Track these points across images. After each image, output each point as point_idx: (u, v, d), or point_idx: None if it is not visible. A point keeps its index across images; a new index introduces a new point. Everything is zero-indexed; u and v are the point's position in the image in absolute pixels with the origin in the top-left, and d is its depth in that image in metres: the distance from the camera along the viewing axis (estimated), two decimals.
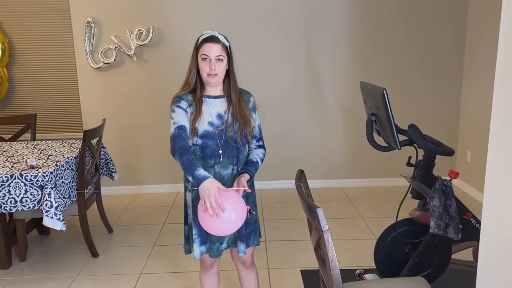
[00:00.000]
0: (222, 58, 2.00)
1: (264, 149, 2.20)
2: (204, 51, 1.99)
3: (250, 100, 2.14)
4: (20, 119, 3.99)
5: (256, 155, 2.15)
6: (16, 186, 2.86)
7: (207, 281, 2.33)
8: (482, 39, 4.25)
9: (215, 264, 2.30)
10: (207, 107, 2.07)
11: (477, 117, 4.36)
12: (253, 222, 2.17)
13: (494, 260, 1.66)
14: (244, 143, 2.12)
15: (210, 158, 2.08)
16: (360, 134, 4.65)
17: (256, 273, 2.35)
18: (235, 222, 1.84)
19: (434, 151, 2.44)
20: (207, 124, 2.06)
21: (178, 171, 4.78)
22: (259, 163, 2.13)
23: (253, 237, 2.18)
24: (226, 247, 2.17)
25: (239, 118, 2.06)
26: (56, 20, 4.50)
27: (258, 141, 2.18)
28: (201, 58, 2.00)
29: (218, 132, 2.05)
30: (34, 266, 3.26)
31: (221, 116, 2.07)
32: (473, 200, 4.31)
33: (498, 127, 1.61)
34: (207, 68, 1.99)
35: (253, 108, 2.15)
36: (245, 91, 2.16)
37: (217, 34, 2.02)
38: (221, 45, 2.00)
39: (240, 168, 2.11)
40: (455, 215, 2.36)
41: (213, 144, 2.06)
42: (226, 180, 2.09)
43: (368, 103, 2.58)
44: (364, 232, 3.69)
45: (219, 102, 2.08)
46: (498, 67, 1.60)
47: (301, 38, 4.55)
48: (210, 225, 1.83)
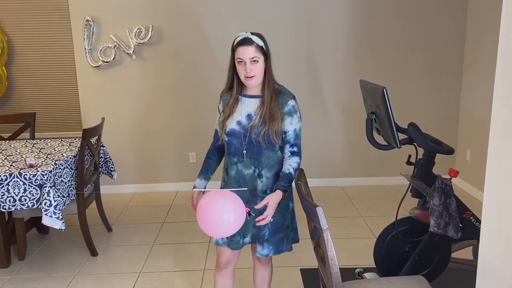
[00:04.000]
0: (257, 59, 1.97)
1: (299, 157, 2.08)
2: (239, 54, 1.97)
3: (287, 103, 2.04)
4: (19, 117, 3.99)
5: (289, 165, 2.04)
6: (15, 185, 2.85)
7: (220, 281, 2.30)
8: (482, 37, 4.24)
9: (230, 264, 2.25)
10: (241, 106, 2.07)
11: (477, 116, 4.35)
12: (285, 228, 2.13)
13: (494, 259, 1.66)
14: (268, 145, 2.04)
15: (234, 156, 2.09)
16: (359, 133, 4.64)
17: (270, 271, 2.34)
18: (234, 223, 1.83)
19: (434, 149, 2.44)
20: (235, 123, 2.06)
21: (178, 170, 4.79)
22: (292, 174, 2.02)
23: (286, 243, 2.17)
24: (250, 242, 2.14)
25: (266, 118, 2.01)
26: (55, 19, 4.49)
27: (292, 147, 2.06)
28: (237, 62, 2.00)
29: (244, 131, 2.04)
30: (33, 265, 3.26)
31: (250, 116, 2.05)
32: (473, 198, 4.31)
33: (498, 125, 1.60)
34: (243, 71, 1.98)
35: (290, 112, 2.04)
36: (287, 93, 2.07)
37: (250, 36, 1.98)
38: (255, 46, 1.97)
39: (260, 171, 2.07)
40: (455, 213, 2.36)
41: (237, 143, 2.06)
42: (248, 180, 2.08)
43: (368, 102, 2.57)
44: (364, 231, 3.69)
45: (253, 102, 2.06)
46: (498, 66, 1.60)
47: (301, 37, 4.55)
48: (209, 227, 1.84)
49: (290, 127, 2.04)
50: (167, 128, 4.70)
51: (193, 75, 4.58)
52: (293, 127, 2.05)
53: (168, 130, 4.70)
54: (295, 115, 2.05)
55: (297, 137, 2.08)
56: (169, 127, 4.69)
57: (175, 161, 4.76)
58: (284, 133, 2.05)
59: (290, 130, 2.05)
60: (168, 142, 4.73)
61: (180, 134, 4.70)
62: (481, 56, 4.25)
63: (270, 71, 2.05)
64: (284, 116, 2.03)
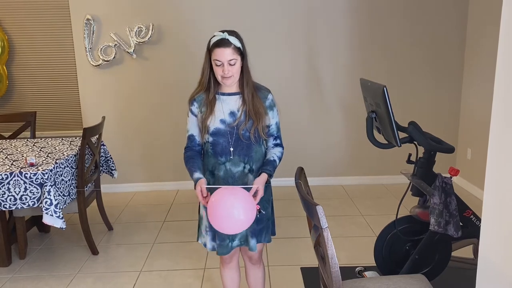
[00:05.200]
0: (234, 61, 1.97)
1: (282, 147, 2.17)
2: (216, 56, 1.95)
3: (267, 97, 2.10)
4: (19, 116, 3.99)
5: (274, 153, 2.12)
6: (16, 184, 2.85)
7: (227, 275, 2.33)
8: (483, 36, 4.24)
9: (233, 259, 2.29)
10: (221, 105, 2.06)
11: (477, 114, 4.35)
12: (265, 220, 2.16)
13: (494, 258, 1.66)
14: (257, 140, 2.09)
15: (221, 156, 2.07)
16: (360, 132, 4.64)
17: (263, 270, 2.35)
18: (244, 220, 1.82)
19: (434, 148, 2.44)
20: (218, 121, 2.05)
21: (178, 169, 4.79)
22: (277, 162, 2.10)
23: (265, 234, 2.17)
24: (238, 244, 2.15)
25: (252, 115, 2.03)
26: (55, 18, 4.49)
27: (275, 139, 2.16)
28: (214, 63, 1.98)
29: (229, 129, 2.04)
30: (34, 264, 3.26)
31: (233, 114, 2.05)
32: (473, 197, 4.31)
33: (499, 124, 1.60)
34: (220, 71, 1.97)
35: (271, 106, 2.11)
36: (264, 88, 2.12)
37: (228, 36, 1.97)
38: (233, 47, 1.96)
39: (251, 166, 2.10)
40: (455, 212, 2.36)
41: (224, 142, 2.05)
42: (238, 178, 2.08)
43: (368, 100, 2.57)
44: (364, 229, 3.69)
45: (233, 99, 2.07)
46: (498, 64, 1.60)
47: (302, 35, 4.54)
48: (220, 223, 1.83)
49: (272, 120, 2.13)
50: (168, 127, 4.70)
51: (194, 74, 4.56)
52: (274, 120, 2.14)
53: (169, 129, 4.70)
54: (275, 109, 2.13)
55: (279, 129, 2.17)
56: (170, 126, 4.69)
57: (175, 160, 4.75)
58: (268, 127, 2.12)
59: (272, 123, 2.13)
60: (169, 141, 4.73)
61: (180, 133, 4.69)
62: (482, 54, 4.25)
63: (247, 69, 2.06)
64: (266, 110, 2.08)
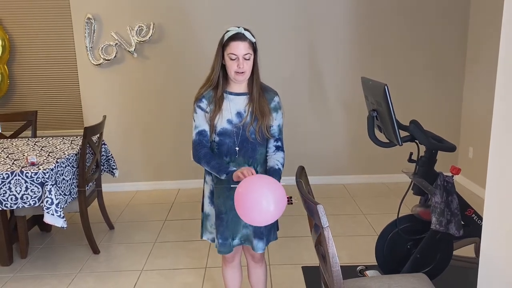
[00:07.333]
0: (249, 56, 1.95)
1: (283, 151, 2.13)
2: (232, 50, 1.93)
3: (273, 99, 2.08)
4: (20, 116, 3.99)
5: (277, 161, 2.08)
6: (17, 183, 2.85)
7: (229, 274, 2.33)
8: (485, 35, 4.23)
9: (235, 257, 2.29)
10: (228, 104, 2.04)
11: (479, 113, 4.34)
12: None
13: (496, 256, 1.66)
14: (262, 140, 2.07)
15: (226, 156, 2.07)
16: (361, 130, 4.63)
17: (265, 269, 2.35)
18: (274, 211, 1.75)
19: (435, 147, 2.43)
20: (225, 121, 2.03)
21: (178, 168, 4.79)
22: (281, 170, 2.07)
23: (273, 232, 2.17)
24: (238, 243, 2.15)
25: (257, 114, 2.02)
26: (56, 17, 4.49)
27: (276, 141, 2.12)
28: (229, 57, 1.95)
29: (236, 129, 2.03)
30: (35, 263, 3.26)
31: (240, 114, 2.04)
32: (475, 196, 4.30)
33: (500, 123, 1.60)
34: (235, 66, 1.94)
35: (276, 108, 2.08)
36: (271, 90, 2.11)
37: (243, 31, 1.96)
38: (248, 42, 1.95)
39: (255, 168, 2.09)
40: (456, 211, 2.35)
41: (230, 142, 2.04)
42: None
43: (369, 99, 2.56)
44: (365, 228, 3.69)
45: (241, 99, 2.05)
46: (500, 63, 1.59)
47: (303, 34, 4.53)
48: (249, 214, 1.76)
49: (275, 122, 2.10)
50: (169, 126, 4.70)
51: (194, 73, 4.57)
52: (277, 122, 2.11)
53: (170, 128, 4.70)
54: (280, 111, 2.11)
55: (281, 132, 2.14)
56: (171, 125, 4.69)
57: (176, 159, 4.75)
58: (270, 127, 2.10)
59: (274, 125, 2.10)
60: (170, 140, 4.72)
61: (181, 132, 4.69)
62: (484, 53, 4.24)
63: (258, 67, 2.04)
64: (271, 111, 2.07)
